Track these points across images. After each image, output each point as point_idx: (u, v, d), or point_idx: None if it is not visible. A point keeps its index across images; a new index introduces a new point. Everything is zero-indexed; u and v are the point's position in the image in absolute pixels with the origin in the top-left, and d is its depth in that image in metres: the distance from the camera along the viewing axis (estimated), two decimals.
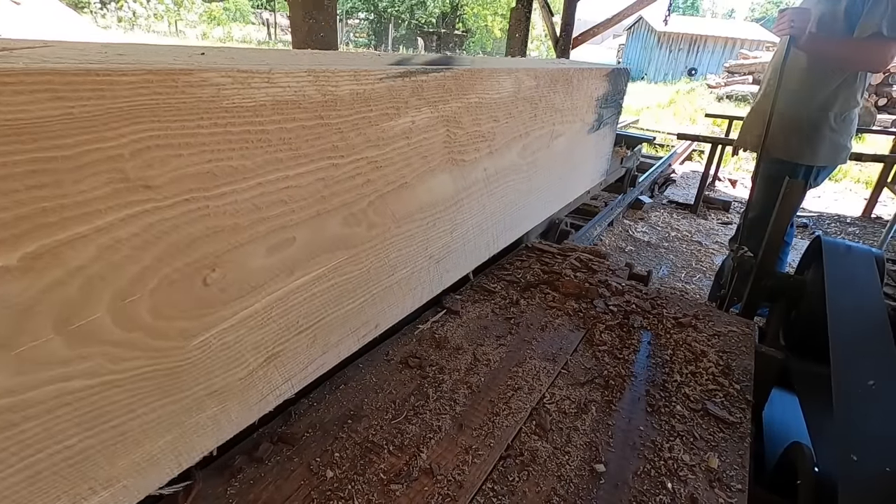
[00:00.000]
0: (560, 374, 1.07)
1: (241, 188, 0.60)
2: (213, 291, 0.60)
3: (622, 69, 2.00)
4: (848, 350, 1.01)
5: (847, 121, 2.18)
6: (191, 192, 0.54)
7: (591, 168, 2.02)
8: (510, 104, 1.16)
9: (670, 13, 10.85)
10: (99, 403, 0.52)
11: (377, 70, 0.75)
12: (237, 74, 0.55)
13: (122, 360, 0.53)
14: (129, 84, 0.46)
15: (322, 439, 0.85)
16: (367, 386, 0.98)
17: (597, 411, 0.97)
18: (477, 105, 1.03)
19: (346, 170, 0.75)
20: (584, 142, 1.75)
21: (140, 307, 0.53)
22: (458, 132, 1.00)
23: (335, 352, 0.88)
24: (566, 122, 1.52)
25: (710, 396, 1.02)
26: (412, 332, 1.16)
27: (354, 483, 0.77)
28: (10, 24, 8.98)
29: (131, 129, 0.47)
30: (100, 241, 0.48)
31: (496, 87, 1.08)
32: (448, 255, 1.13)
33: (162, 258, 0.53)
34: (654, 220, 4.70)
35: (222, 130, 0.56)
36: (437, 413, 0.92)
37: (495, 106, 1.10)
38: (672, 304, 1.39)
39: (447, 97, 0.93)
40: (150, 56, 0.55)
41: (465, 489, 0.77)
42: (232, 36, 23.02)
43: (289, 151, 0.65)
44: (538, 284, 1.43)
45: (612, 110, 2.02)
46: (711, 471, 0.84)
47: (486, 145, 1.12)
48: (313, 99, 0.66)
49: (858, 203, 5.78)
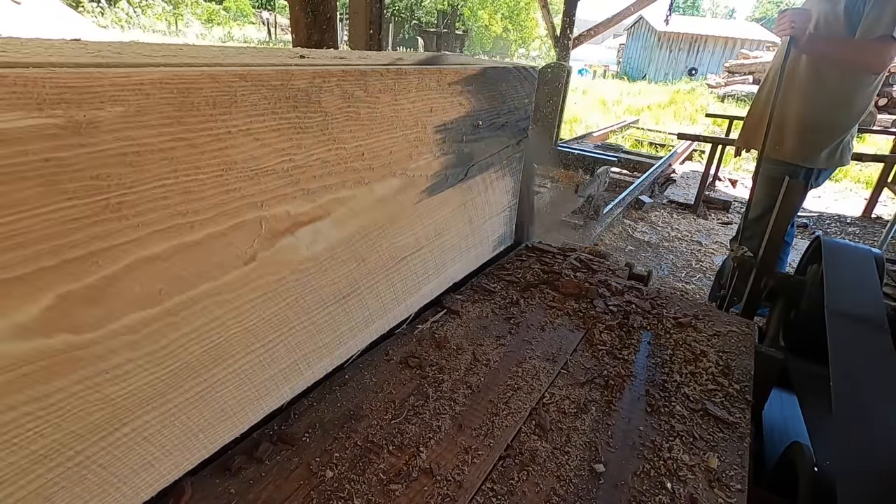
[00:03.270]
0: (560, 374, 1.07)
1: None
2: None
3: (513, 69, 1.21)
4: (847, 350, 1.01)
5: (857, 122, 2.17)
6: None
7: (449, 251, 1.18)
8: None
9: (671, 13, 10.86)
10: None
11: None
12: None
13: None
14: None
15: (322, 439, 0.85)
16: (367, 386, 0.98)
17: (596, 411, 0.97)
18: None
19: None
20: (414, 214, 1.01)
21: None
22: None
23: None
24: (338, 187, 0.80)
25: (709, 396, 1.02)
26: (412, 331, 1.16)
27: (354, 483, 0.77)
28: (10, 24, 8.98)
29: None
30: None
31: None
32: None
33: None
34: (654, 220, 4.70)
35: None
36: (437, 413, 0.92)
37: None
38: (672, 304, 1.39)
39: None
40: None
41: (464, 489, 0.77)
42: (232, 35, 23.02)
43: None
44: (538, 284, 1.43)
45: (504, 138, 1.26)
46: (711, 471, 0.84)
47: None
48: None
49: (858, 203, 5.78)
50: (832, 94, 2.11)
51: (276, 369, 0.79)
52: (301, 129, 0.71)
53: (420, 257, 1.09)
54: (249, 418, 0.77)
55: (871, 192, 5.41)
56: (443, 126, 1.01)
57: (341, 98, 0.75)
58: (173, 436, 0.65)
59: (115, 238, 0.52)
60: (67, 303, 0.50)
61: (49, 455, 0.52)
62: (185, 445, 0.67)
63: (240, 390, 0.73)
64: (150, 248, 0.56)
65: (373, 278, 0.96)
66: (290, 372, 0.83)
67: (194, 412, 0.67)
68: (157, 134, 0.53)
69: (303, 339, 0.83)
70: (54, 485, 0.54)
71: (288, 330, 0.79)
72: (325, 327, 0.87)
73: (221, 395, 0.70)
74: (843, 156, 2.22)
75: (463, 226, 1.22)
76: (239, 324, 0.70)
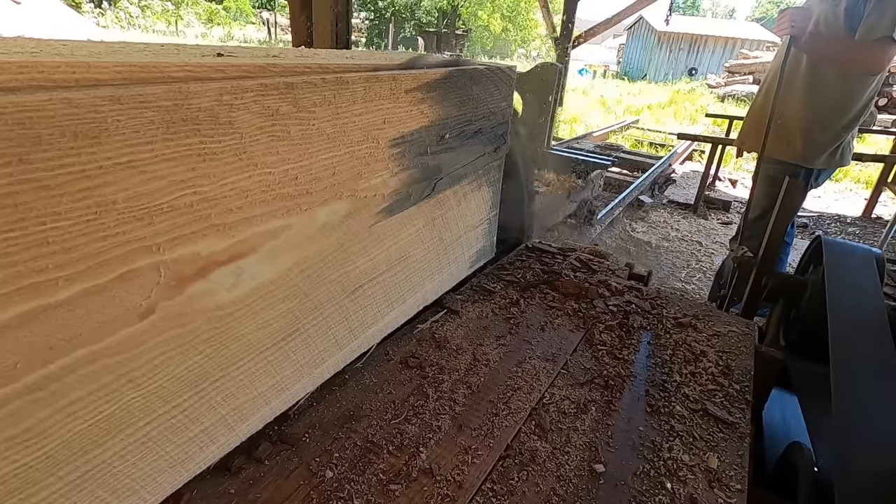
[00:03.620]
0: (560, 374, 1.07)
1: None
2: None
3: (486, 70, 1.10)
4: (847, 350, 1.01)
5: (858, 123, 2.17)
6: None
7: (417, 274, 1.09)
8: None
9: (671, 13, 10.86)
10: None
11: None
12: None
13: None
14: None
15: (321, 439, 0.85)
16: (367, 386, 0.98)
17: (596, 411, 0.97)
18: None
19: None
20: (369, 238, 0.91)
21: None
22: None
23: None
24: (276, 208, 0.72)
25: (709, 396, 1.02)
26: (412, 331, 1.16)
27: (354, 483, 0.77)
28: (10, 24, 8.98)
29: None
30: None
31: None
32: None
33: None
34: (654, 220, 4.71)
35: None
36: (437, 413, 0.92)
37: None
38: (672, 304, 1.39)
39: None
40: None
41: (464, 489, 0.77)
42: (232, 35, 23.04)
43: None
44: (538, 284, 1.43)
45: (478, 147, 1.15)
46: (711, 471, 0.84)
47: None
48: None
49: (858, 203, 5.78)
50: (832, 95, 2.11)
51: (198, 429, 0.69)
52: (207, 156, 0.59)
53: (380, 284, 0.98)
54: (164, 489, 0.67)
55: (871, 193, 5.41)
56: (400, 139, 0.90)
57: (262, 116, 0.64)
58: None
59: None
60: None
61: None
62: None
63: (145, 461, 0.63)
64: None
65: (320, 314, 0.85)
66: (217, 429, 0.72)
67: (81, 496, 0.57)
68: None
69: (232, 391, 0.73)
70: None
71: (209, 385, 0.69)
72: (261, 374, 0.77)
73: (120, 469, 0.60)
74: (843, 156, 2.22)
75: (433, 244, 1.11)
76: (137, 388, 0.60)
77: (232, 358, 0.71)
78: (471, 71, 1.04)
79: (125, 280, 0.55)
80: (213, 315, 0.66)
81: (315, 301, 0.83)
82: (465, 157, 1.12)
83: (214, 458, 0.74)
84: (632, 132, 9.68)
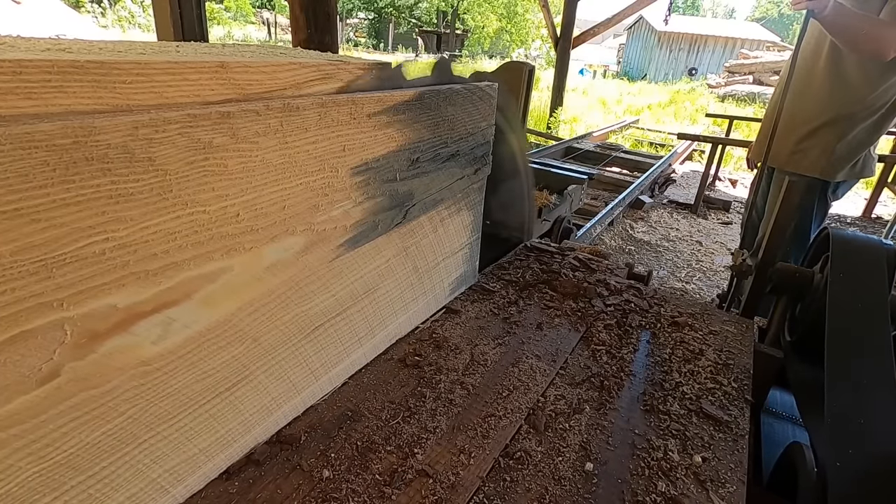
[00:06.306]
0: (558, 373, 1.07)
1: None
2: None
3: (462, 90, 1.05)
4: (844, 346, 1.01)
5: (885, 127, 2.03)
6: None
7: (387, 306, 1.04)
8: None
9: (671, 13, 10.84)
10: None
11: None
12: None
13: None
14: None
15: (320, 439, 0.85)
16: (365, 386, 0.98)
17: (593, 411, 0.97)
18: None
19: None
20: (330, 273, 0.85)
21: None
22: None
23: None
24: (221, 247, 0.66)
25: (707, 395, 1.02)
26: (411, 331, 1.16)
27: (352, 483, 0.77)
28: (10, 24, 8.99)
29: None
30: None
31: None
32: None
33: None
34: (654, 219, 4.71)
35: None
36: (434, 413, 0.92)
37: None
38: (670, 304, 1.39)
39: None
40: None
41: (460, 490, 0.77)
42: (232, 35, 23.02)
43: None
44: (536, 284, 1.43)
45: (456, 169, 1.11)
46: (706, 470, 0.84)
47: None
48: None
49: (859, 203, 5.77)
50: (856, 91, 1.93)
51: (122, 497, 0.62)
52: (121, 198, 0.52)
53: (345, 321, 0.92)
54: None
55: (871, 192, 5.41)
56: (364, 166, 0.84)
57: (190, 150, 0.56)
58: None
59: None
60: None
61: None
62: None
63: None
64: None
65: (273, 358, 0.79)
66: (147, 493, 0.65)
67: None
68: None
69: (165, 452, 0.66)
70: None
71: (135, 448, 0.62)
72: (201, 430, 0.70)
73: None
74: (864, 167, 2.12)
75: (406, 274, 1.06)
76: (39, 461, 0.53)
77: (163, 416, 0.64)
78: (445, 91, 0.99)
79: (18, 342, 0.48)
80: (137, 371, 0.59)
81: (265, 345, 0.77)
82: (441, 180, 1.07)
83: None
84: (632, 132, 9.67)
